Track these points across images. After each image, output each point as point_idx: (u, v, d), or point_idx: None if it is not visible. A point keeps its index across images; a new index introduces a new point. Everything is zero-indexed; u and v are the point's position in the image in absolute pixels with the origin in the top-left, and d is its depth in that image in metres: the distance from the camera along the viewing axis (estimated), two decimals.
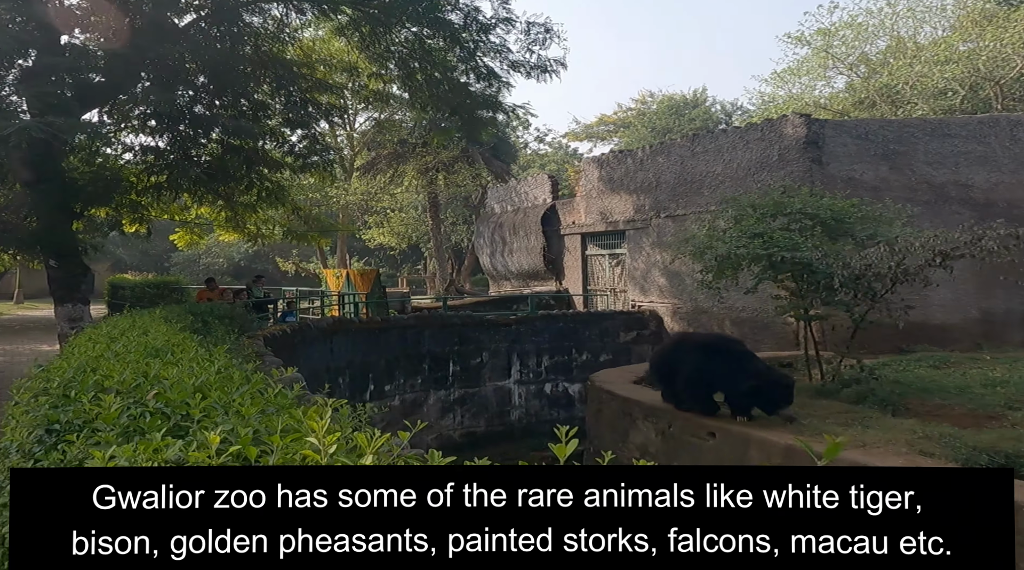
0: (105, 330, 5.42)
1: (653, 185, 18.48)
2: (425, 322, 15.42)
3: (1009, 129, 16.16)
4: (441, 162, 30.42)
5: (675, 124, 52.70)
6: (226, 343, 6.08)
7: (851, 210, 10.30)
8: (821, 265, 8.40)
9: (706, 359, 6.91)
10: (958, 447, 6.07)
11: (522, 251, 23.74)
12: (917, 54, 30.28)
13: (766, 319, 15.66)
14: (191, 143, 11.68)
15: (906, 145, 15.31)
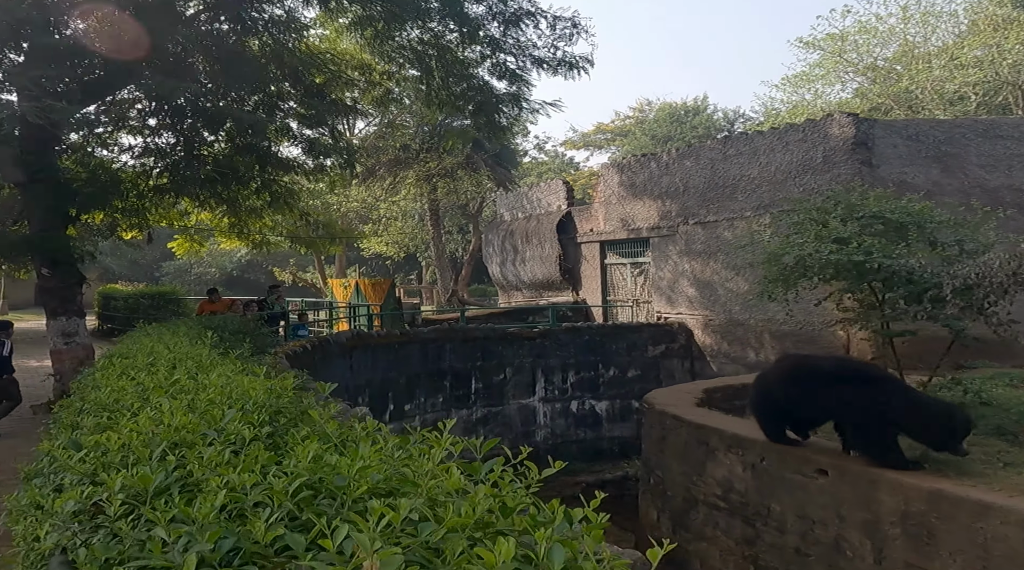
0: (140, 360, 4.38)
1: (680, 190, 17.52)
2: (447, 336, 14.35)
3: None
4: (444, 169, 29.42)
5: (676, 132, 52.02)
6: (258, 365, 5.06)
7: (931, 214, 9.36)
8: (926, 274, 7.42)
9: (836, 389, 5.83)
10: None
11: (536, 260, 22.72)
12: (929, 60, 29.67)
13: (812, 332, 14.69)
14: (198, 140, 10.58)
15: (957, 146, 14.44)
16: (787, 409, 6.30)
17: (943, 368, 12.49)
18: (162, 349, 4.89)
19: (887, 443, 5.72)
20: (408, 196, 34.58)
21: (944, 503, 5.28)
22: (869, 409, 5.58)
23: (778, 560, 6.77)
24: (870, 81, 32.02)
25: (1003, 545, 4.90)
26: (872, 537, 5.85)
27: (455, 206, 40.44)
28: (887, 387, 5.68)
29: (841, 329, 14.29)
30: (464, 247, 46.94)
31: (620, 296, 20.34)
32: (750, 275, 15.99)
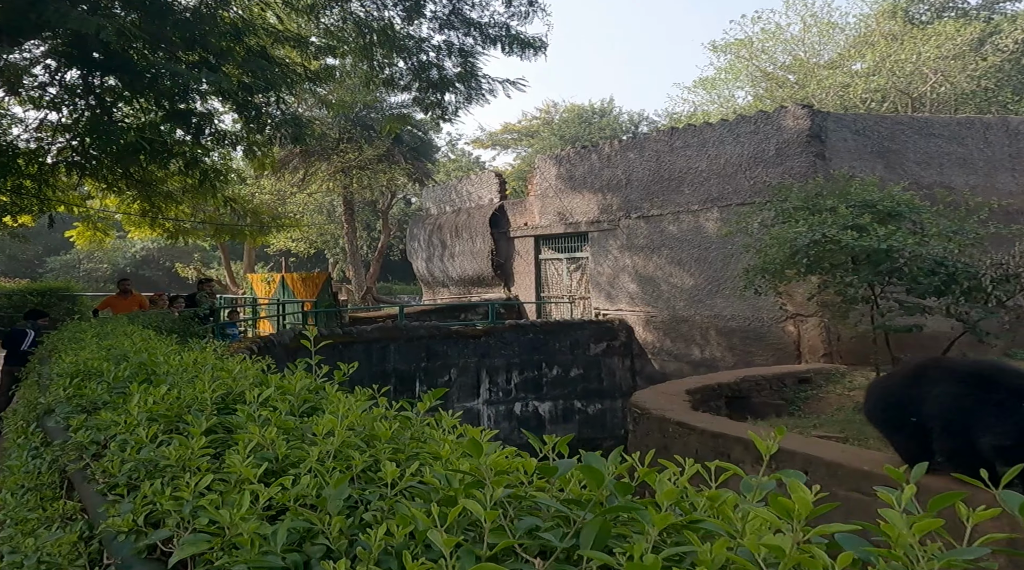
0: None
1: (623, 183, 16.59)
2: (390, 335, 12.78)
3: (983, 131, 15.40)
4: (363, 161, 27.51)
5: (584, 133, 51.77)
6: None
7: (920, 205, 8.72)
8: (958, 264, 6.63)
9: (980, 397, 4.61)
10: None
11: (466, 255, 21.33)
12: (823, 69, 30.31)
13: (761, 328, 14.10)
14: (118, 101, 8.56)
15: (898, 143, 14.16)
16: (910, 416, 5.02)
17: (883, 362, 12.01)
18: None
19: None
20: (321, 189, 32.38)
21: None
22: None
23: None
24: (776, 86, 32.45)
25: None
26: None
27: (363, 203, 38.51)
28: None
29: (791, 325, 13.73)
30: (370, 245, 44.96)
31: (554, 292, 19.29)
32: (696, 270, 15.26)
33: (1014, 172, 15.32)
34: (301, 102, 22.41)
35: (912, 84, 28.47)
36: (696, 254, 15.05)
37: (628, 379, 16.44)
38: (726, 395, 10.21)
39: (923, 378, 4.95)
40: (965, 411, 4.47)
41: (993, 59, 28.13)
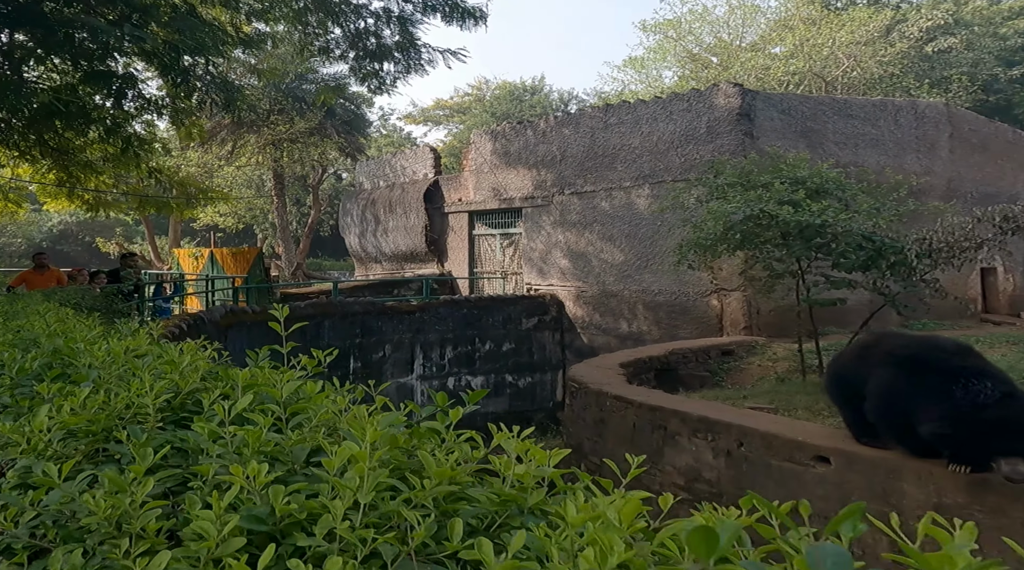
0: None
1: (557, 159, 16.40)
2: (324, 311, 12.27)
3: (894, 113, 15.84)
4: (294, 134, 26.47)
5: (515, 110, 51.36)
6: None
7: (846, 182, 8.84)
8: (886, 239, 6.69)
9: (913, 371, 4.41)
10: None
11: (400, 230, 20.82)
12: (744, 51, 30.83)
13: (686, 302, 14.22)
14: (28, 58, 7.74)
15: (819, 123, 14.41)
16: (855, 390, 4.93)
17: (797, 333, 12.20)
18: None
19: None
20: (250, 163, 31.07)
21: (991, 495, 4.44)
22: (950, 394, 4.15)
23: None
24: (701, 67, 32.79)
25: None
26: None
27: (294, 177, 37.28)
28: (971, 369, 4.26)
29: (715, 299, 13.90)
30: (300, 220, 43.70)
31: (488, 268, 19.05)
32: (626, 246, 15.26)
33: (919, 153, 15.84)
34: (230, 70, 21.31)
35: (827, 68, 29.22)
36: (627, 230, 15.04)
37: (558, 353, 16.42)
38: (656, 368, 10.25)
39: (866, 357, 4.95)
40: (901, 395, 4.47)
41: (900, 46, 29.10)
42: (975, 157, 17.11)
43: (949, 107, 17.06)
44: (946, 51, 29.96)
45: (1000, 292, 17.12)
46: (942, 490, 4.68)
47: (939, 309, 9.99)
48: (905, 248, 6.41)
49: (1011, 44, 31.94)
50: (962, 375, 4.20)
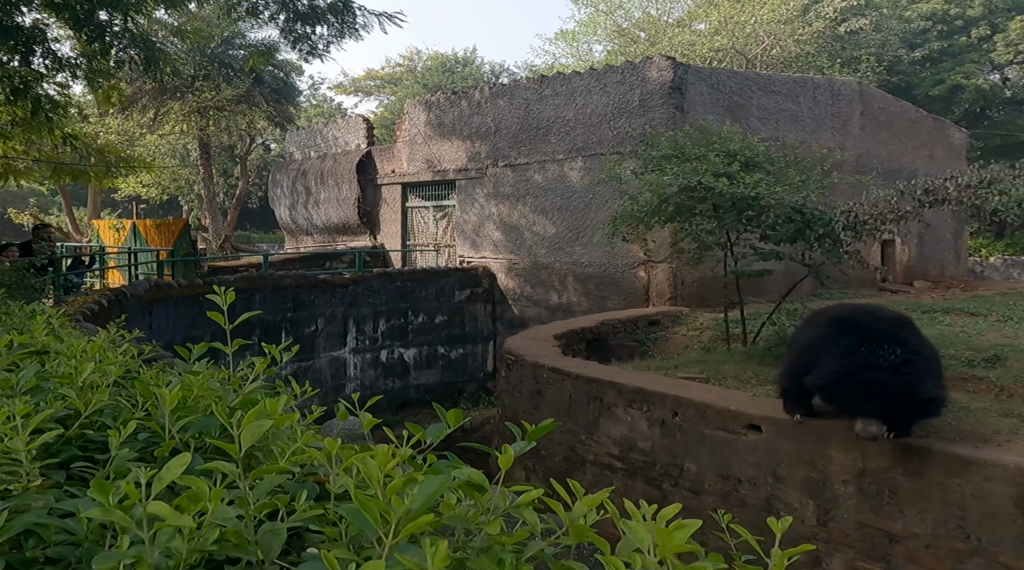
0: None
1: (492, 131, 16.06)
2: (255, 285, 11.68)
3: (812, 90, 16.11)
4: (220, 101, 25.13)
5: (447, 81, 50.40)
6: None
7: (775, 155, 8.88)
8: (815, 211, 6.72)
9: (839, 332, 4.40)
10: None
11: (331, 202, 20.12)
12: (681, 25, 30.96)
13: (614, 273, 14.25)
14: None
15: (745, 98, 14.51)
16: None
17: (719, 303, 12.34)
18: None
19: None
20: (174, 131, 29.43)
21: (914, 459, 4.51)
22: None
23: None
24: (629, 42, 32.76)
25: (984, 503, 4.22)
26: (817, 497, 5.01)
27: (220, 147, 35.63)
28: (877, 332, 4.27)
29: (642, 271, 13.96)
30: (227, 191, 41.99)
31: (421, 240, 18.65)
32: (558, 218, 15.14)
33: (833, 129, 16.21)
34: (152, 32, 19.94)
35: (748, 46, 29.62)
36: (559, 203, 14.91)
37: (489, 324, 16.30)
38: (587, 339, 10.20)
39: (811, 321, 4.96)
40: (815, 351, 4.49)
41: (817, 25, 29.73)
42: (882, 134, 17.65)
43: (861, 85, 17.49)
44: (856, 32, 30.78)
45: (897, 263, 17.86)
46: (867, 455, 4.74)
47: (843, 279, 10.23)
48: (832, 220, 6.46)
49: (915, 27, 33.12)
50: (877, 339, 4.19)
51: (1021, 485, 4.06)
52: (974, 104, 32.43)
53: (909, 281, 17.51)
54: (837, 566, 4.84)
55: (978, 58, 32.61)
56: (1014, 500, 4.10)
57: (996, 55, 32.60)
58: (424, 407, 14.71)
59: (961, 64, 31.89)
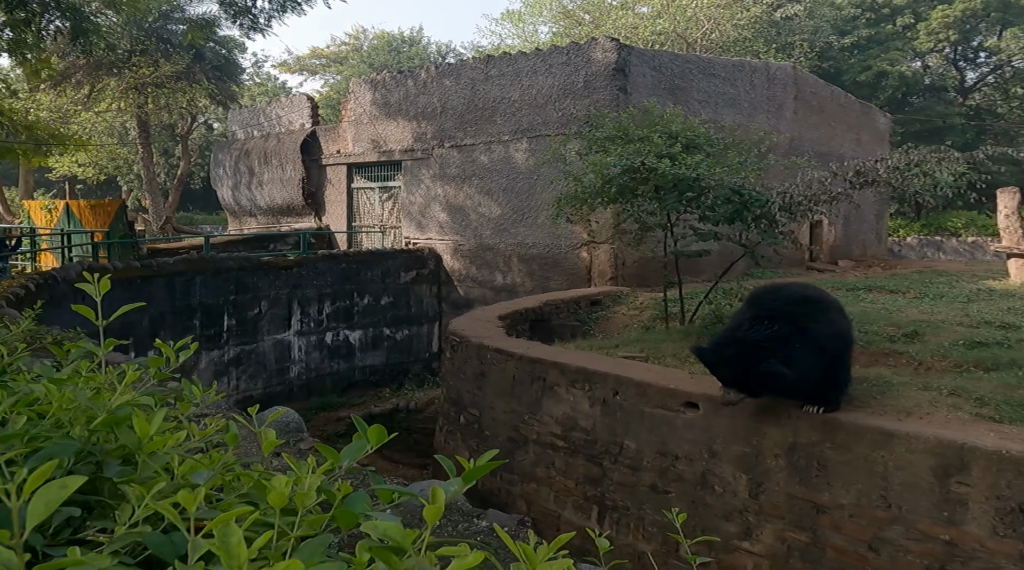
0: None
1: (438, 111, 15.77)
2: (196, 267, 11.23)
3: (749, 74, 16.31)
4: (159, 78, 24.01)
5: (393, 61, 49.43)
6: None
7: (715, 137, 8.94)
8: (753, 193, 6.77)
9: (748, 307, 4.65)
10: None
11: (275, 183, 19.52)
12: (624, 7, 30.92)
13: (558, 254, 14.25)
14: None
15: (686, 81, 14.58)
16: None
17: (657, 282, 12.42)
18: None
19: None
20: (110, 109, 28.07)
21: (841, 432, 4.61)
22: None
23: (629, 498, 5.84)
24: (574, 24, 32.60)
25: (905, 473, 4.34)
26: (750, 471, 5.10)
27: (161, 126, 34.20)
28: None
29: (585, 252, 14.00)
30: (169, 172, 40.45)
31: (366, 222, 18.29)
32: (503, 199, 15.03)
33: (768, 113, 16.46)
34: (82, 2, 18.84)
35: (688, 29, 29.82)
36: (504, 184, 14.78)
37: (435, 305, 16.16)
38: (531, 319, 10.18)
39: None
40: (726, 326, 4.65)
41: (755, 10, 30.08)
42: (813, 118, 18.02)
43: (796, 70, 17.78)
44: (791, 18, 31.29)
45: (824, 243, 18.39)
46: (797, 430, 4.82)
47: (776, 258, 10.45)
48: (769, 201, 6.53)
49: (845, 14, 33.86)
50: (765, 316, 4.36)
51: (940, 456, 4.18)
52: (897, 90, 33.44)
53: (834, 261, 18.04)
54: (767, 536, 4.94)
55: (902, 46, 33.58)
56: (933, 470, 4.23)
57: (918, 43, 33.62)
58: (369, 388, 14.52)
59: (887, 51, 32.78)
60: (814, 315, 4.49)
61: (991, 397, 4.95)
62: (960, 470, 4.12)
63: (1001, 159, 6.35)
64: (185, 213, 43.86)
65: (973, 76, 37.37)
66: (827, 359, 4.39)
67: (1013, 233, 12.87)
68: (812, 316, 4.47)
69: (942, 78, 35.87)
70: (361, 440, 1.09)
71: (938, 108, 33.85)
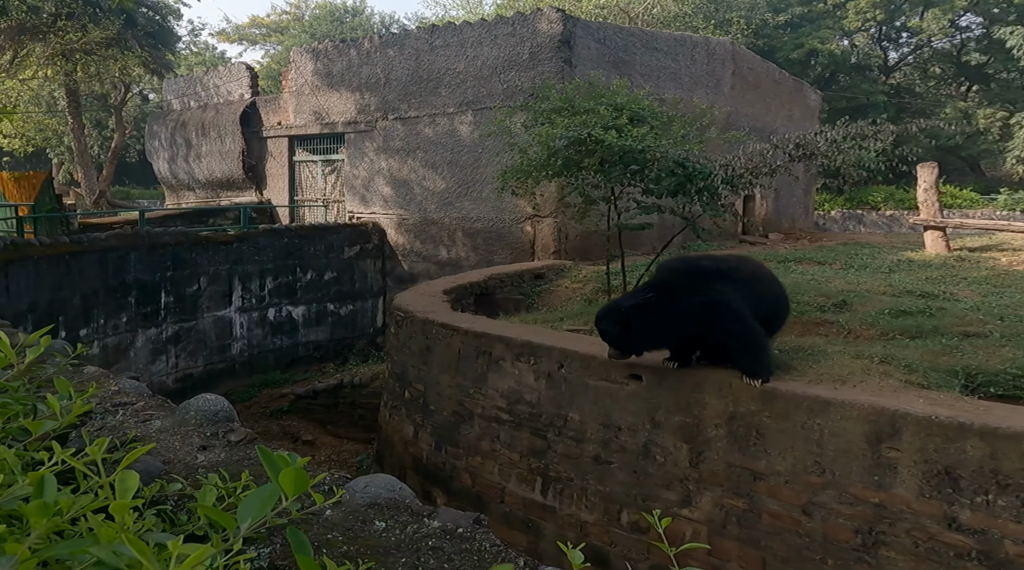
0: None
1: (381, 82, 15.23)
2: (130, 242, 10.58)
3: (690, 49, 16.26)
4: (88, 44, 22.48)
5: (335, 31, 47.82)
6: None
7: (659, 110, 8.83)
8: (697, 165, 6.69)
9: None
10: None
11: (214, 155, 18.64)
12: None
13: (502, 228, 14.07)
14: None
15: (629, 54, 14.43)
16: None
17: (599, 256, 12.41)
18: None
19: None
20: (36, 76, 26.27)
21: (779, 401, 4.62)
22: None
23: (573, 470, 5.79)
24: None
25: (839, 440, 4.38)
26: (691, 441, 5.09)
27: (93, 96, 32.29)
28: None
29: (529, 226, 13.85)
30: (103, 144, 38.38)
31: (309, 196, 17.69)
32: (448, 173, 14.71)
33: (708, 87, 16.48)
34: None
35: (631, 3, 29.67)
36: (449, 158, 14.45)
37: (379, 280, 15.82)
38: (476, 293, 10.02)
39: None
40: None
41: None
42: (750, 94, 18.16)
43: (734, 46, 17.83)
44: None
45: (756, 216, 18.72)
46: (738, 400, 4.82)
47: (716, 231, 10.50)
48: (712, 174, 6.47)
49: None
50: (653, 283, 4.74)
51: (873, 422, 4.23)
52: (826, 68, 34.15)
53: (766, 233, 18.39)
54: (706, 503, 4.96)
55: (832, 24, 34.21)
56: (866, 436, 4.27)
57: (847, 22, 34.30)
58: (313, 364, 14.15)
59: (818, 30, 33.36)
60: (695, 285, 4.58)
61: (919, 364, 5.05)
62: (891, 436, 4.18)
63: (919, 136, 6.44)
64: (122, 187, 41.82)
65: (895, 55, 38.45)
66: (694, 326, 4.56)
67: (930, 206, 13.29)
68: (692, 286, 4.58)
69: (867, 57, 36.79)
70: (272, 485, 0.89)
71: (863, 86, 34.73)
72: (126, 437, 2.35)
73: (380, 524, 1.91)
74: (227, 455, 2.41)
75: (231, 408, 3.05)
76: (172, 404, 2.93)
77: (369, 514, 1.95)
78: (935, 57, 37.31)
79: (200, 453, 2.41)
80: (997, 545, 3.82)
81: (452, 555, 1.74)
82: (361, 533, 1.83)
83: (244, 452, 2.47)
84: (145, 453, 2.39)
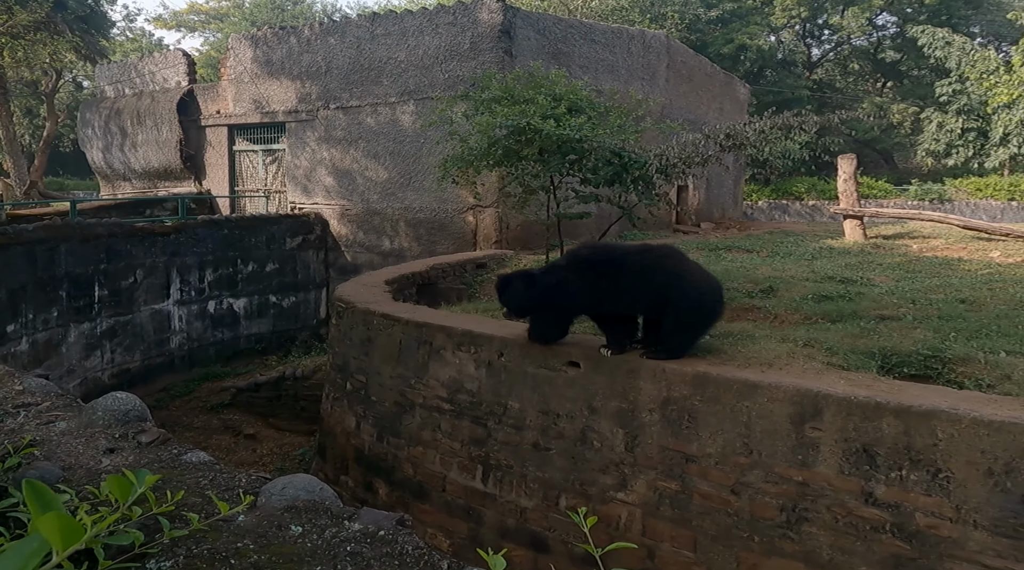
0: None
1: (323, 70, 14.74)
2: (60, 234, 9.92)
3: (627, 42, 16.30)
4: (15, 27, 21.03)
5: (276, 19, 46.23)
6: None
7: (596, 101, 8.79)
8: (633, 154, 6.65)
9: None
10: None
11: (150, 145, 17.76)
12: None
13: (444, 218, 13.88)
14: None
15: (569, 46, 14.35)
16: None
17: (540, 246, 12.38)
18: None
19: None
20: None
21: (710, 386, 4.64)
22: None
23: (512, 457, 5.72)
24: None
25: (766, 422, 4.43)
26: (626, 426, 5.07)
27: (22, 82, 30.35)
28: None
29: (471, 216, 13.70)
30: (34, 133, 36.21)
31: (250, 186, 17.06)
32: (390, 163, 14.40)
33: (643, 80, 16.56)
34: None
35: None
36: (391, 147, 14.13)
37: (322, 271, 15.42)
38: (418, 283, 9.84)
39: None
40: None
41: None
42: (683, 87, 18.36)
43: (669, 39, 17.96)
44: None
45: (689, 206, 19.03)
46: (671, 385, 4.82)
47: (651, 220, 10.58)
48: (647, 163, 6.46)
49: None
50: (551, 266, 5.05)
51: (797, 404, 4.28)
52: (755, 63, 34.88)
53: (698, 223, 18.72)
54: (640, 486, 4.96)
55: (760, 20, 34.93)
56: (790, 417, 4.32)
57: (774, 18, 35.09)
58: (255, 356, 13.69)
59: (747, 26, 33.99)
60: (576, 270, 4.83)
61: (839, 347, 5.15)
62: (814, 416, 4.24)
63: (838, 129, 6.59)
64: (55, 178, 39.59)
65: (818, 52, 39.62)
66: (543, 303, 4.91)
67: (850, 196, 13.72)
68: (569, 270, 4.84)
69: (792, 53, 37.77)
70: (37, 536, 0.75)
71: (788, 81, 35.65)
72: (21, 442, 2.14)
73: (296, 529, 1.78)
74: (135, 458, 2.23)
75: (143, 407, 2.78)
76: (81, 404, 2.70)
77: (285, 518, 1.81)
78: (854, 54, 38.60)
79: (105, 457, 2.22)
80: (909, 518, 3.92)
81: (371, 560, 1.62)
82: (275, 540, 1.69)
83: (155, 454, 2.29)
84: (44, 458, 2.19)
